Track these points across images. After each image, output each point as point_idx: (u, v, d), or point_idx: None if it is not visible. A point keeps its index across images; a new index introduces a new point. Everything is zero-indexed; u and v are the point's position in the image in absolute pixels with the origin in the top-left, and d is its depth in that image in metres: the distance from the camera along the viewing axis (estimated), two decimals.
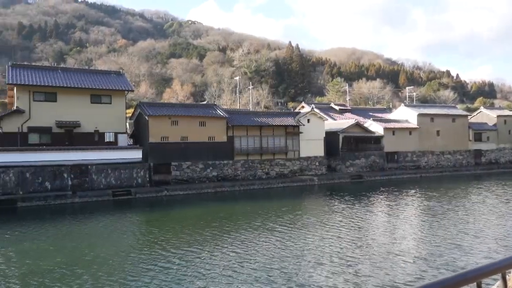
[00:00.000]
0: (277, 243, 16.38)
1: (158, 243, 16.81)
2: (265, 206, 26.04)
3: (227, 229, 19.30)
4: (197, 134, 35.54)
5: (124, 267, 13.71)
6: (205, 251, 15.29)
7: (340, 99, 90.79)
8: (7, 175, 27.40)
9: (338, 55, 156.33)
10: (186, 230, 19.29)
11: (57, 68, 38.51)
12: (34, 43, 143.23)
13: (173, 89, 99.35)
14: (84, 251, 15.66)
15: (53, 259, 14.67)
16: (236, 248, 15.69)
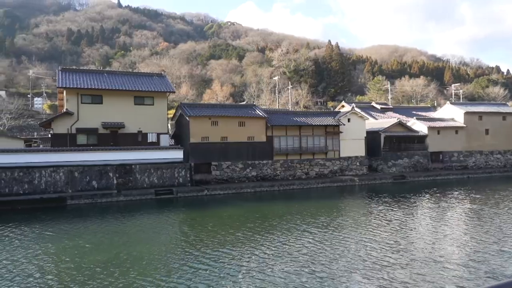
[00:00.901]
0: (311, 246, 16.13)
1: (196, 242, 17.04)
2: (303, 207, 25.85)
3: (263, 229, 19.25)
4: (237, 134, 35.84)
5: (162, 265, 13.96)
6: (238, 252, 15.29)
7: (381, 97, 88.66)
8: (57, 174, 28.81)
9: (379, 52, 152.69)
10: (223, 230, 19.42)
11: (103, 72, 40.10)
12: (82, 48, 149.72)
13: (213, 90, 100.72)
14: (127, 249, 16.15)
15: (97, 255, 15.24)
16: (269, 249, 15.56)
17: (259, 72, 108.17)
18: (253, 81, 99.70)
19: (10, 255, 15.39)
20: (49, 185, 28.54)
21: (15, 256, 15.24)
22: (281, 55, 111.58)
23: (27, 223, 21.27)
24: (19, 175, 27.90)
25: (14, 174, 27.76)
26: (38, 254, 15.49)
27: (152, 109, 35.85)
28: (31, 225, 20.92)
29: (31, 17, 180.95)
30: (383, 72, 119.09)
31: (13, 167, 27.89)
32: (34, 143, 53.55)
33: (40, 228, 20.15)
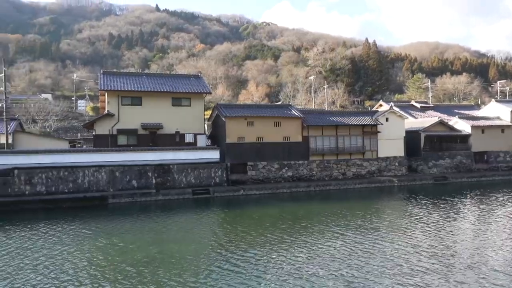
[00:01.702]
0: (343, 248, 15.75)
1: (229, 243, 17.11)
2: (339, 208, 25.43)
3: (295, 231, 19.02)
4: (273, 134, 35.83)
5: (193, 265, 14.06)
6: (268, 253, 15.15)
7: (421, 96, 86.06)
8: (99, 173, 29.87)
9: (419, 49, 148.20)
10: (256, 230, 19.33)
11: (142, 74, 41.20)
12: (122, 52, 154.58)
13: (248, 91, 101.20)
14: (162, 247, 16.46)
15: (133, 253, 15.62)
16: (300, 252, 15.32)
17: (295, 72, 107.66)
18: (289, 81, 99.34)
19: (49, 251, 16.12)
20: (92, 184, 29.63)
21: (54, 252, 15.95)
22: (317, 55, 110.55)
23: (70, 221, 22.16)
24: (64, 174, 29.14)
25: (59, 173, 29.03)
26: (76, 251, 16.09)
27: (189, 110, 36.48)
28: (74, 222, 21.77)
29: (75, 23, 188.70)
30: (423, 69, 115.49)
31: (58, 167, 29.16)
32: (78, 144, 55.78)
33: (82, 226, 20.93)
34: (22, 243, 17.43)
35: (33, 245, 17.01)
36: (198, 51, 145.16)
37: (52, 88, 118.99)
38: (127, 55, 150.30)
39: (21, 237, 18.54)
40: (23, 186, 28.17)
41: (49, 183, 28.77)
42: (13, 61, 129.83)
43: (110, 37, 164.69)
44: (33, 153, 29.75)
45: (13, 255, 15.53)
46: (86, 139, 60.23)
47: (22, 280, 12.76)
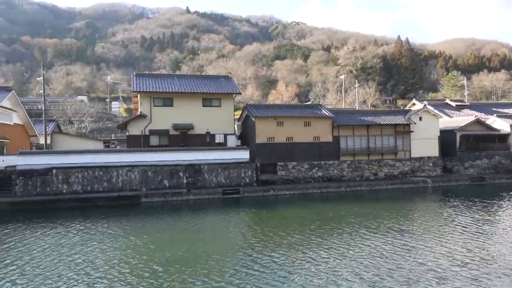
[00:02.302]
0: (372, 252, 15.29)
1: (258, 243, 17.02)
2: (370, 209, 24.94)
3: (325, 232, 18.73)
4: (302, 134, 35.63)
5: (219, 265, 14.05)
6: (295, 255, 14.92)
7: (456, 94, 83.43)
8: (132, 173, 30.59)
9: (453, 46, 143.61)
10: (285, 231, 19.10)
11: (173, 76, 41.89)
12: (154, 54, 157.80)
13: (278, 91, 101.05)
14: (191, 247, 16.61)
15: (162, 252, 15.83)
16: (327, 255, 14.99)
17: (325, 71, 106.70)
18: (319, 81, 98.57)
19: (82, 247, 16.57)
20: (125, 183, 30.36)
21: (87, 248, 16.39)
22: (348, 53, 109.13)
23: (104, 219, 22.77)
24: (99, 174, 30.01)
25: (95, 173, 29.92)
26: (108, 248, 16.47)
27: (219, 111, 36.80)
28: (108, 220, 22.37)
29: (109, 26, 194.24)
30: (458, 67, 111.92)
31: (94, 167, 30.07)
32: (112, 144, 57.36)
33: (115, 224, 21.47)
34: (57, 240, 18.05)
35: (68, 242, 17.57)
36: (227, 52, 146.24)
37: (88, 90, 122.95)
38: (159, 57, 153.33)
39: (57, 234, 19.21)
40: (60, 185, 29.20)
41: (85, 182, 29.69)
42: (51, 64, 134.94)
43: (142, 39, 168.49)
44: (69, 153, 30.80)
45: (48, 251, 16.09)
46: (120, 140, 61.87)
47: (55, 275, 13.19)
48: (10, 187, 28.60)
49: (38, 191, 28.71)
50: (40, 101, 56.79)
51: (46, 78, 52.73)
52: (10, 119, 37.24)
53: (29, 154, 30.80)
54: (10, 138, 36.14)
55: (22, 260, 15.03)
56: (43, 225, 21.32)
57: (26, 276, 13.13)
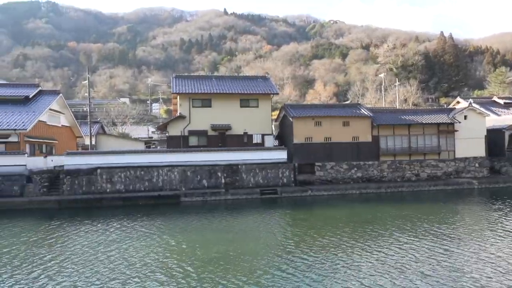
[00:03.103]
0: (413, 255, 14.71)
1: (292, 244, 16.88)
2: (412, 211, 24.11)
3: (363, 234, 18.26)
4: (341, 134, 35.12)
5: (254, 265, 14.02)
6: (332, 258, 14.62)
7: (505, 91, 79.43)
8: (172, 173, 31.26)
9: (501, 41, 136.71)
10: (321, 232, 18.80)
11: (211, 77, 42.51)
12: (192, 56, 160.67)
13: (316, 90, 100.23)
14: (228, 246, 16.67)
15: (199, 251, 16.00)
16: (363, 258, 14.56)
17: (364, 70, 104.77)
18: (357, 80, 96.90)
19: (121, 245, 17.05)
20: (166, 183, 31.07)
21: (125, 245, 16.84)
22: (387, 51, 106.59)
23: (145, 217, 23.37)
24: (140, 173, 30.89)
25: (136, 172, 30.83)
26: (145, 246, 16.81)
27: (257, 111, 36.94)
28: (149, 219, 22.94)
29: (150, 30, 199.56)
30: (507, 62, 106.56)
31: (136, 166, 30.99)
32: (153, 145, 58.90)
33: (155, 223, 21.97)
34: (96, 237, 18.70)
35: (106, 239, 18.12)
36: (265, 53, 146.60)
37: (130, 92, 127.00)
38: (197, 59, 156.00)
39: (96, 232, 19.88)
40: (104, 184, 30.30)
41: (127, 181, 30.65)
42: (96, 68, 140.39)
43: (181, 42, 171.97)
44: (113, 154, 31.90)
45: (87, 248, 16.66)
46: (160, 140, 63.40)
47: (90, 272, 13.62)
48: (58, 185, 29.98)
49: (84, 190, 29.93)
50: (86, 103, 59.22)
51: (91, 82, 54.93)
52: (58, 121, 39.07)
53: (76, 155, 32.18)
54: (58, 139, 37.91)
55: (63, 255, 15.70)
56: (85, 223, 22.20)
57: (63, 272, 13.62)
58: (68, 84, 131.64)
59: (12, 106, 34.37)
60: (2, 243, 17.91)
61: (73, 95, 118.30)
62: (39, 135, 34.42)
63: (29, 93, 36.28)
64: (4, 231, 20.48)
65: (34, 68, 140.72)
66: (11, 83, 49.32)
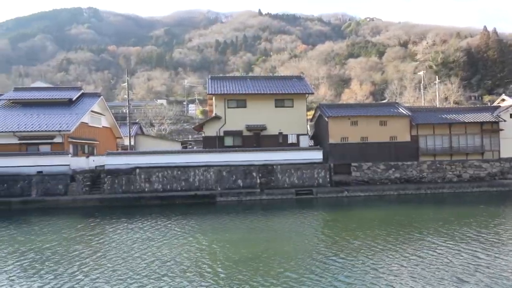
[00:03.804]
0: (454, 262, 13.98)
1: (324, 246, 16.60)
2: (453, 214, 23.11)
3: (401, 238, 17.58)
4: (378, 134, 34.39)
5: (283, 266, 13.86)
6: (365, 262, 14.18)
7: None
8: (208, 173, 31.67)
9: None
10: (355, 234, 18.36)
11: (246, 78, 42.73)
12: (228, 57, 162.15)
13: (351, 89, 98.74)
14: (264, 246, 16.67)
15: (230, 251, 16.03)
16: (397, 263, 13.95)
17: (402, 68, 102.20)
18: (395, 78, 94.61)
19: (157, 242, 17.35)
20: (202, 183, 31.52)
21: (161, 243, 17.09)
22: (427, 48, 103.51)
23: (180, 217, 23.75)
24: (177, 173, 31.49)
25: (173, 172, 31.45)
26: (182, 244, 17.04)
27: (291, 111, 36.81)
28: (185, 218, 23.31)
29: (186, 33, 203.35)
30: None
31: (173, 166, 31.61)
32: (189, 145, 59.94)
33: (189, 222, 22.27)
34: (133, 234, 19.17)
35: (141, 237, 18.48)
36: (300, 52, 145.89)
37: (167, 94, 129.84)
38: (232, 60, 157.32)
39: (132, 230, 20.36)
40: (143, 184, 31.11)
41: (164, 181, 31.33)
42: (134, 71, 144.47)
43: (216, 43, 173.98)
44: (151, 154, 32.71)
45: (122, 246, 17.08)
46: (196, 141, 64.45)
47: (124, 268, 13.95)
48: (99, 185, 31.06)
49: (124, 189, 30.84)
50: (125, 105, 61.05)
51: (130, 84, 56.61)
52: (99, 122, 40.50)
53: (116, 155, 33.23)
54: (99, 140, 39.29)
55: (99, 252, 16.19)
56: (123, 221, 22.84)
57: (98, 269, 13.99)
58: (108, 87, 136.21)
59: (57, 108, 35.94)
60: (45, 239, 18.74)
61: (113, 97, 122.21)
62: (82, 136, 35.79)
63: (73, 96, 37.81)
64: (48, 228, 21.43)
65: (77, 72, 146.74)
66: (56, 87, 51.60)
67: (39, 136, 32.53)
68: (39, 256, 15.65)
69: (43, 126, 32.96)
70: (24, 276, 13.40)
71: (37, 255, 15.86)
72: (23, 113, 35.25)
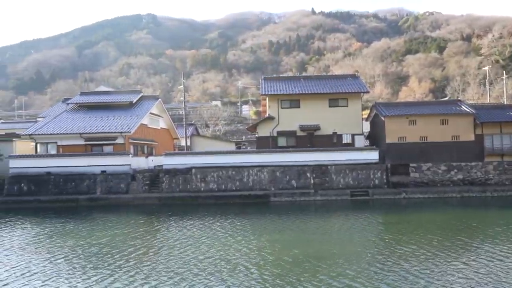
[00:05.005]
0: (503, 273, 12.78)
1: (377, 250, 16.04)
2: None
3: (457, 244, 16.53)
4: (438, 133, 32.81)
5: (331, 269, 13.54)
6: (406, 266, 13.50)
7: None
8: (262, 173, 31.86)
9: None
10: (411, 239, 17.39)
11: (300, 78, 42.50)
12: (281, 57, 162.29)
13: (409, 87, 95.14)
14: (312, 248, 16.45)
15: (283, 251, 15.93)
16: (453, 273, 12.98)
17: (464, 63, 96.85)
18: (457, 74, 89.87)
19: (211, 241, 17.65)
20: (256, 183, 31.77)
21: (219, 244, 17.28)
22: (493, 41, 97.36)
23: (235, 216, 24.10)
24: (231, 173, 31.98)
25: (228, 172, 31.98)
26: (235, 243, 17.21)
27: (346, 111, 36.13)
28: (241, 218, 23.61)
29: (239, 34, 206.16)
30: None
31: (227, 167, 32.15)
32: (243, 145, 60.70)
33: (247, 221, 22.59)
34: (187, 232, 19.68)
35: (194, 235, 18.88)
36: (354, 50, 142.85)
37: (221, 95, 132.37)
38: (285, 60, 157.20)
39: (185, 228, 20.90)
40: (199, 184, 31.91)
41: (219, 181, 31.94)
42: (190, 73, 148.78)
43: (269, 44, 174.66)
44: (206, 154, 33.50)
45: (177, 243, 17.57)
46: (250, 141, 65.10)
47: (177, 265, 14.30)
48: (158, 184, 32.30)
49: (181, 188, 31.83)
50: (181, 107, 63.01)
51: (186, 86, 58.34)
52: (157, 124, 42.12)
53: (173, 155, 34.37)
54: (157, 141, 40.86)
55: (154, 248, 16.84)
56: (179, 219, 23.54)
57: (150, 264, 14.48)
58: (165, 89, 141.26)
59: (119, 111, 37.84)
60: (105, 234, 19.87)
61: (170, 99, 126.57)
62: (141, 137, 37.41)
63: (133, 99, 39.63)
64: (109, 224, 22.66)
65: (136, 76, 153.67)
66: (117, 90, 54.46)
67: (103, 137, 34.41)
68: (97, 250, 16.60)
69: (106, 128, 34.83)
70: (81, 267, 14.26)
71: (96, 249, 16.82)
72: (89, 116, 37.47)
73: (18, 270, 14.13)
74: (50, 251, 16.57)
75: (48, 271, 13.83)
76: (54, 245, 17.72)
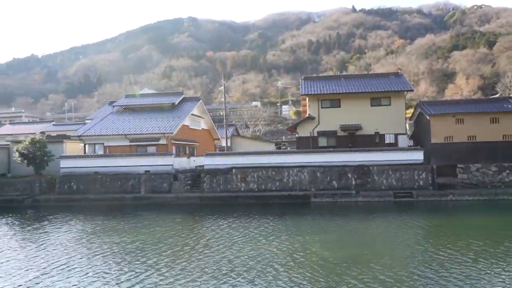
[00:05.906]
0: None
1: (425, 254, 15.37)
2: None
3: (497, 249, 15.56)
4: (488, 132, 31.28)
5: (377, 273, 13.13)
6: (447, 273, 12.84)
7: None
8: (302, 173, 31.65)
9: None
10: (457, 244, 16.55)
11: (340, 77, 41.93)
12: (321, 56, 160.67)
13: (456, 85, 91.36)
14: (355, 250, 16.14)
15: (335, 252, 15.78)
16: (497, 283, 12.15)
17: None
18: (508, 70, 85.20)
19: (254, 243, 17.57)
20: (296, 183, 31.60)
21: (258, 244, 17.27)
22: None
23: (276, 216, 24.05)
24: (271, 174, 31.99)
25: (268, 172, 32.02)
26: (276, 244, 17.19)
27: (389, 110, 35.25)
28: (281, 218, 23.57)
29: (279, 35, 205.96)
30: None
31: (267, 167, 32.20)
32: (283, 146, 60.60)
33: (288, 221, 22.55)
34: (227, 231, 19.85)
35: (232, 235, 18.99)
36: (397, 48, 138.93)
37: (261, 96, 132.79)
38: (325, 59, 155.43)
39: (222, 226, 21.10)
40: (239, 183, 32.16)
41: (259, 181, 32.04)
42: (230, 75, 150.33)
43: (309, 43, 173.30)
44: (246, 155, 33.71)
45: (215, 242, 17.80)
46: (290, 142, 64.89)
47: (214, 263, 14.52)
48: (199, 184, 32.86)
49: (221, 188, 32.22)
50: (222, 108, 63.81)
51: (226, 87, 59.01)
52: (198, 125, 42.88)
53: (214, 155, 34.87)
54: (199, 141, 41.60)
55: (187, 247, 17.12)
56: (219, 219, 23.73)
57: (182, 264, 14.70)
58: (206, 91, 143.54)
59: (162, 113, 38.87)
60: (146, 232, 20.49)
61: (211, 100, 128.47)
62: (183, 138, 38.21)
63: (175, 101, 40.59)
64: (151, 222, 23.37)
65: (178, 78, 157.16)
66: (160, 93, 55.86)
67: (147, 138, 35.48)
68: (134, 248, 17.17)
69: (150, 129, 35.88)
70: (116, 264, 14.86)
71: (133, 246, 17.41)
72: (133, 117, 38.75)
73: (58, 264, 14.93)
74: (89, 248, 17.38)
75: (84, 268, 14.50)
76: (95, 241, 18.57)
